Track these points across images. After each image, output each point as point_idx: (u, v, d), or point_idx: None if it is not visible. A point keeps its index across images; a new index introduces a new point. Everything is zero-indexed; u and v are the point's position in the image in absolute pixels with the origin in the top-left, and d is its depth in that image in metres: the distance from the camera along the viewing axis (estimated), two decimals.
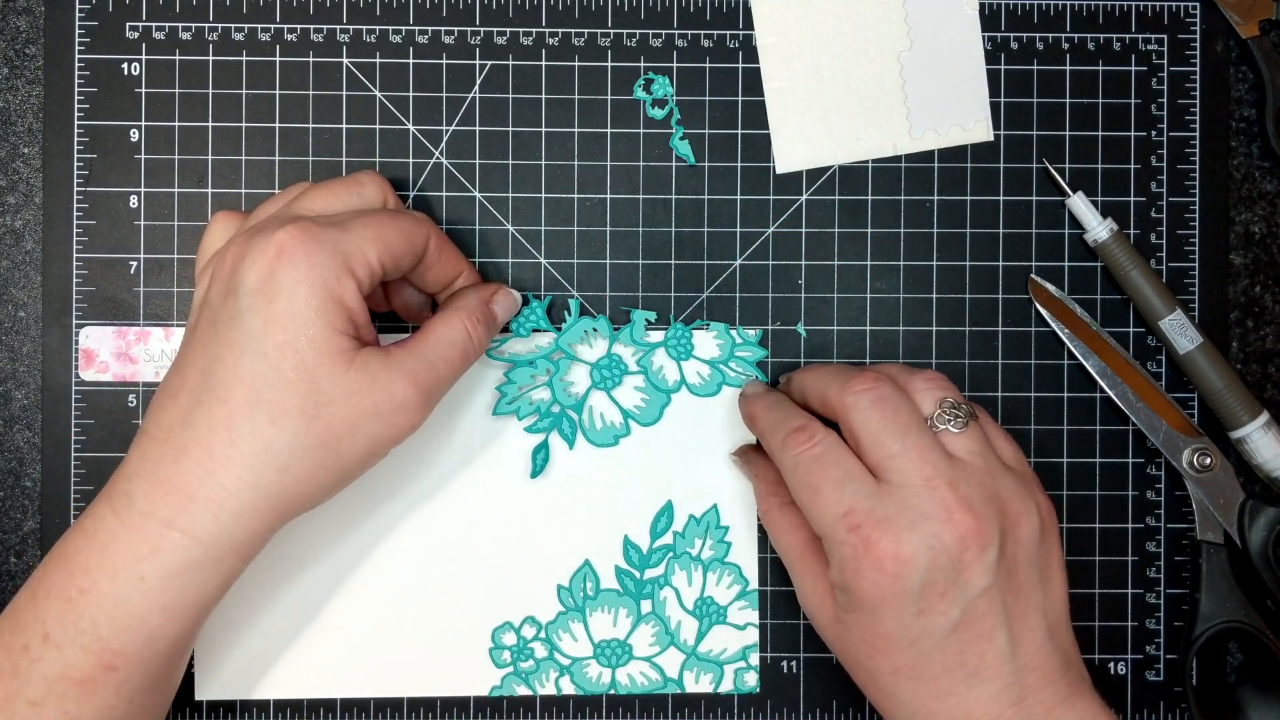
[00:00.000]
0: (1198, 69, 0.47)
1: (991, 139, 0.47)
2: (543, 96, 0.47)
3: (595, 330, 0.46)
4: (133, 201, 0.46)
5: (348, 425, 0.37)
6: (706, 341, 0.46)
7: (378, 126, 0.46)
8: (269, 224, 0.38)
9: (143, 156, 0.46)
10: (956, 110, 0.47)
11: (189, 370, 0.37)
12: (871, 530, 0.36)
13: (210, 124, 0.46)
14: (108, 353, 0.46)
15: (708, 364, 0.46)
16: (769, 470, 0.43)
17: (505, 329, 0.45)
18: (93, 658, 0.35)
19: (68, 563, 0.36)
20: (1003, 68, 0.47)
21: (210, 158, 0.46)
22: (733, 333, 0.46)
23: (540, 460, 0.46)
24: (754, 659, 0.46)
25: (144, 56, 0.46)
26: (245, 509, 0.36)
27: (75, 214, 0.46)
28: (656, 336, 0.46)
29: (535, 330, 0.45)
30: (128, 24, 0.46)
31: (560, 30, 0.47)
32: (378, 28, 0.46)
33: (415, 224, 0.40)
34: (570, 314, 0.46)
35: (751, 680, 0.46)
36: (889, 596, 0.36)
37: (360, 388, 0.37)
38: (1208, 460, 0.45)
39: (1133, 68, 0.47)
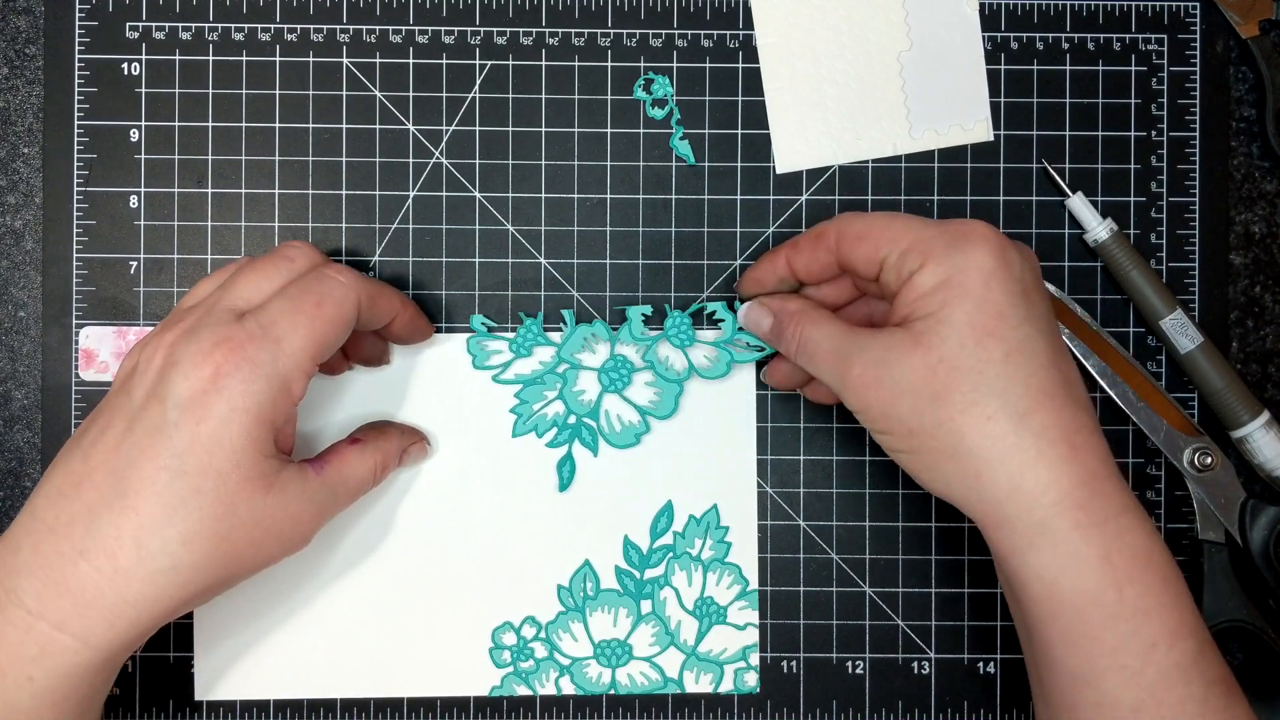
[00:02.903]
0: (1198, 69, 0.47)
1: (991, 139, 0.47)
2: (543, 96, 0.47)
3: (595, 335, 0.46)
4: (133, 201, 0.46)
5: (253, 547, 0.36)
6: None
7: (378, 126, 0.46)
8: (202, 324, 0.36)
9: (143, 156, 0.46)
10: (956, 110, 0.47)
11: (97, 464, 0.35)
12: (961, 224, 0.37)
13: (210, 124, 0.46)
14: (108, 353, 0.46)
15: (713, 345, 0.45)
16: (790, 300, 0.42)
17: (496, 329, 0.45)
18: None
19: None
20: (1003, 68, 0.47)
21: (210, 158, 0.46)
22: (732, 309, 0.45)
23: (567, 473, 0.46)
24: (754, 659, 0.46)
25: (144, 56, 0.46)
26: (142, 619, 0.35)
27: (75, 214, 0.46)
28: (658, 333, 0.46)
29: (536, 347, 0.46)
30: (128, 24, 0.46)
31: (560, 30, 0.47)
32: (378, 28, 0.46)
33: (342, 300, 0.38)
34: (566, 324, 0.45)
35: (751, 680, 0.46)
36: (1000, 267, 0.36)
37: (273, 513, 0.37)
38: (1208, 460, 0.45)
39: (1133, 68, 0.47)
